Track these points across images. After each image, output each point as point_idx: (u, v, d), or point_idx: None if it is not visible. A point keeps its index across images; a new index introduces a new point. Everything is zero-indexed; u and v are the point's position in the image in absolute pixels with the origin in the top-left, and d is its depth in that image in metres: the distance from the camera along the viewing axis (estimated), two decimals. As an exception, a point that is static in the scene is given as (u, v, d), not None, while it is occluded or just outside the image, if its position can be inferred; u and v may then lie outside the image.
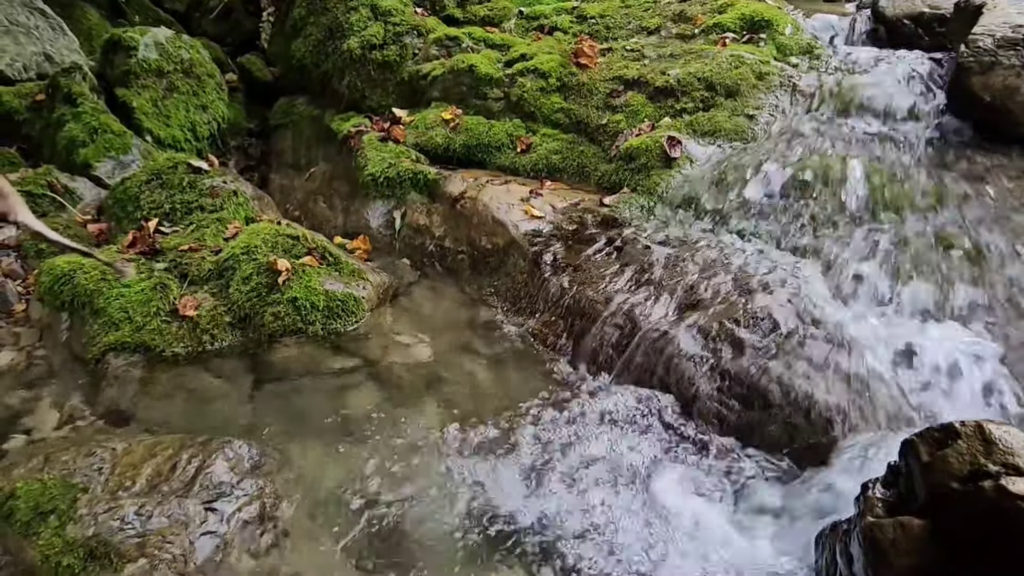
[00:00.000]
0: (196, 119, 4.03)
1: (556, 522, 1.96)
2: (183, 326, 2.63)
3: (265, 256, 2.80)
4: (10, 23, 3.89)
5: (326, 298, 2.75)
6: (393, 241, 3.40)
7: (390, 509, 2.01)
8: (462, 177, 3.36)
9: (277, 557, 1.86)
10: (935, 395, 2.08)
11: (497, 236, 3.07)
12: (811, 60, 3.53)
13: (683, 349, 2.34)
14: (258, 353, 2.64)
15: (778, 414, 2.12)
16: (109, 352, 2.55)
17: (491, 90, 3.69)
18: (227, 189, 3.28)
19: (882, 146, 2.98)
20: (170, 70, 3.96)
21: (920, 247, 2.51)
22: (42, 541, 1.79)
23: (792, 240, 2.70)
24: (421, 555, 1.89)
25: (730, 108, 3.29)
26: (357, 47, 3.96)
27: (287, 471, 2.10)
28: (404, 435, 2.27)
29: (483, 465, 2.15)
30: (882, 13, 3.74)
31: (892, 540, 1.46)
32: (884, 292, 2.42)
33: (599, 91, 3.54)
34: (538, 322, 2.76)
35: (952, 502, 1.41)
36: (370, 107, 3.97)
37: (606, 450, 2.19)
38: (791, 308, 2.35)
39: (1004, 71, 2.77)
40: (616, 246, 2.82)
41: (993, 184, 2.72)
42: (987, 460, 1.39)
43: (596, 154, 3.38)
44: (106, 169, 3.56)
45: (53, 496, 1.87)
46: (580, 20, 4.16)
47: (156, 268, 2.81)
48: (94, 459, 2.00)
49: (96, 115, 3.63)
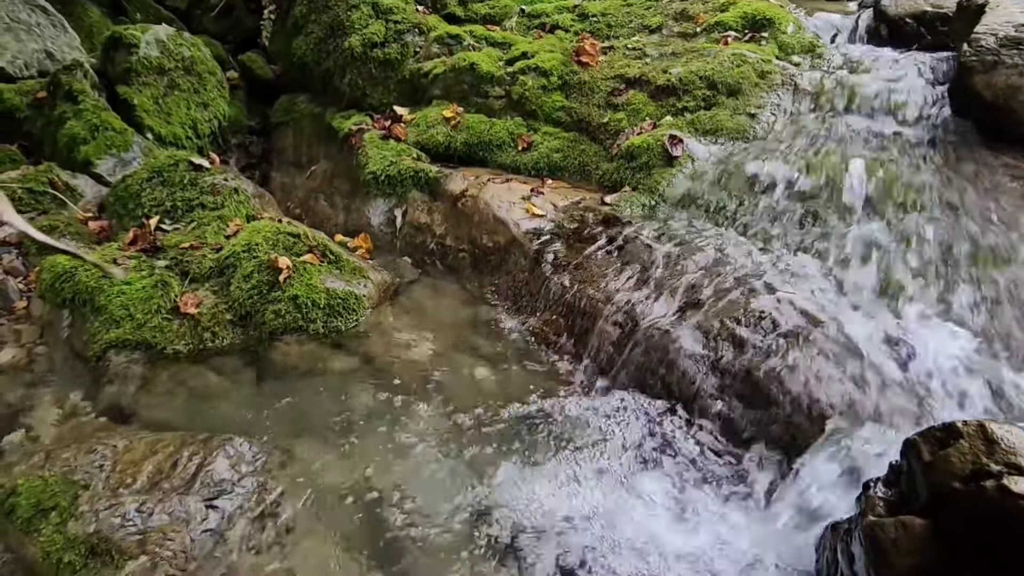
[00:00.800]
0: (197, 117, 4.03)
1: (555, 521, 1.97)
2: (184, 324, 2.64)
3: (266, 254, 2.80)
4: (11, 20, 3.89)
5: (327, 296, 2.75)
6: (394, 239, 3.40)
7: (390, 506, 2.02)
8: (463, 175, 3.36)
9: (278, 554, 1.86)
10: (937, 394, 2.08)
11: (498, 234, 3.07)
12: (813, 59, 3.53)
13: (684, 348, 2.34)
14: (259, 351, 2.64)
15: (779, 413, 2.12)
16: (110, 349, 2.55)
17: (492, 88, 3.68)
18: (228, 187, 3.28)
19: (884, 145, 2.97)
20: (171, 68, 3.96)
21: (922, 246, 2.50)
22: (43, 538, 1.80)
23: (793, 238, 2.70)
24: (421, 552, 1.90)
25: (732, 107, 3.29)
26: (358, 45, 3.96)
27: (288, 469, 2.10)
28: (404, 433, 2.28)
29: (483, 464, 2.15)
30: (884, 12, 3.73)
31: (893, 540, 1.46)
32: (885, 291, 2.41)
33: (600, 89, 3.53)
34: (539, 320, 2.76)
35: (954, 502, 1.41)
36: (371, 105, 3.96)
37: (607, 449, 2.19)
38: (792, 307, 2.35)
39: (1007, 70, 2.77)
40: (617, 245, 2.81)
41: (995, 184, 2.72)
42: (989, 460, 1.39)
43: (597, 153, 3.37)
44: (107, 167, 3.56)
45: (54, 493, 1.88)
46: (581, 18, 4.16)
47: (157, 266, 2.81)
48: (95, 456, 2.01)
49: (97, 112, 3.63)
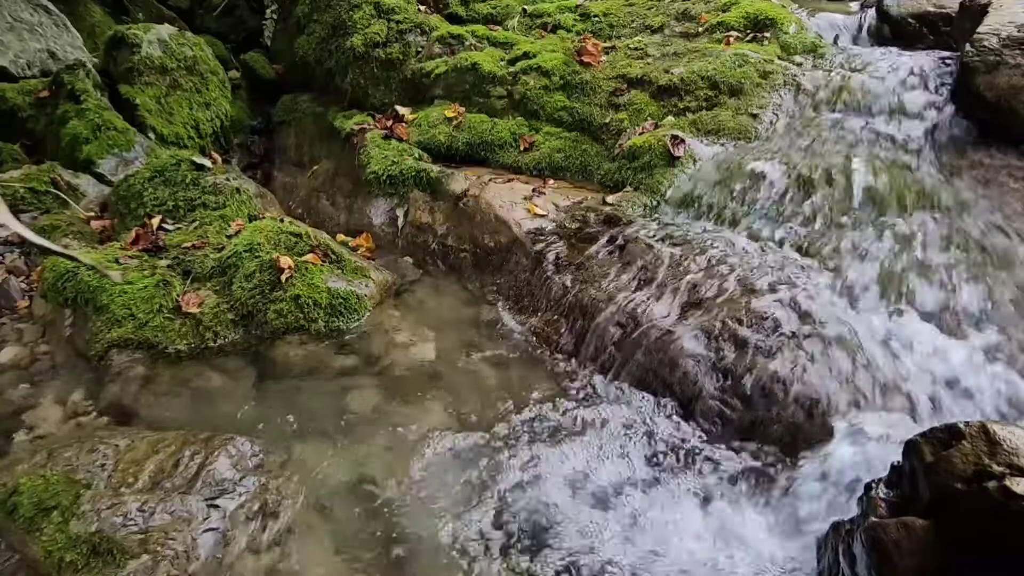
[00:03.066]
0: (199, 116, 4.03)
1: (555, 522, 1.96)
2: (186, 323, 2.64)
3: (268, 253, 2.81)
4: (14, 20, 3.89)
5: (329, 296, 2.75)
6: (396, 239, 3.40)
7: (391, 507, 2.02)
8: (465, 175, 3.36)
9: (279, 554, 1.86)
10: (939, 395, 2.07)
11: (500, 234, 3.07)
12: (815, 59, 3.52)
13: (685, 348, 2.34)
14: (261, 350, 2.64)
15: (781, 413, 2.12)
16: (112, 349, 2.56)
17: (494, 88, 3.68)
18: (230, 186, 3.28)
19: (886, 146, 2.97)
20: (173, 67, 3.97)
21: (924, 247, 2.50)
22: (45, 537, 1.80)
23: (795, 239, 2.70)
24: (422, 553, 1.90)
25: (734, 107, 3.28)
26: (360, 44, 3.96)
27: (289, 468, 2.10)
28: (406, 433, 2.28)
29: (485, 464, 2.15)
30: (887, 12, 3.72)
31: (896, 541, 1.46)
32: (888, 292, 2.41)
33: (602, 89, 3.53)
34: (540, 320, 2.75)
35: (956, 503, 1.40)
36: (373, 104, 3.96)
37: (607, 450, 2.19)
38: (794, 307, 2.35)
39: (1009, 71, 2.76)
40: (619, 245, 2.81)
41: (998, 184, 2.71)
42: (991, 461, 1.39)
43: (599, 152, 3.37)
44: (109, 166, 3.57)
45: (56, 492, 1.88)
46: (584, 18, 4.15)
47: (159, 265, 2.81)
48: (97, 455, 2.01)
49: (99, 112, 3.63)
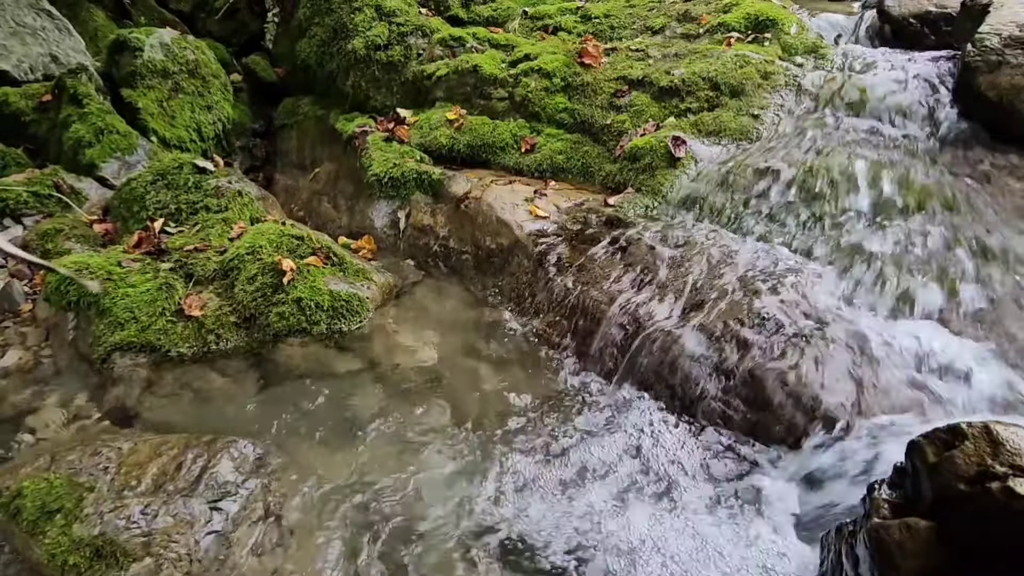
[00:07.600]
0: (201, 119, 4.04)
1: (556, 525, 1.96)
2: (188, 326, 2.64)
3: (270, 256, 2.81)
4: (16, 24, 3.91)
5: (331, 298, 2.76)
6: (397, 241, 3.40)
7: (393, 509, 2.02)
8: (466, 177, 3.36)
9: (281, 556, 1.87)
10: (942, 395, 2.07)
11: (501, 236, 3.07)
12: (816, 59, 3.52)
13: (687, 349, 2.34)
14: (263, 353, 2.64)
15: (783, 414, 2.12)
16: (115, 352, 2.56)
17: (495, 90, 3.68)
18: (232, 189, 3.29)
19: (887, 146, 2.97)
20: (175, 71, 3.98)
21: (926, 247, 2.49)
22: (48, 540, 1.80)
23: (797, 240, 2.70)
24: (424, 555, 1.90)
25: (735, 108, 3.28)
26: (362, 47, 3.97)
27: (292, 471, 2.11)
28: (408, 436, 2.28)
29: (487, 466, 2.15)
30: (888, 12, 3.72)
31: (898, 542, 1.46)
32: (889, 292, 2.40)
33: (604, 91, 3.53)
34: (542, 322, 2.75)
35: (959, 503, 1.40)
36: (374, 107, 3.97)
37: (608, 451, 2.19)
38: (796, 308, 2.34)
39: (1011, 70, 2.76)
40: (620, 246, 2.81)
41: (999, 184, 2.71)
42: (994, 461, 1.38)
43: (600, 154, 3.37)
44: (112, 169, 3.58)
45: (59, 495, 1.88)
46: (584, 20, 4.16)
47: (162, 268, 2.82)
48: (100, 458, 2.01)
49: (102, 116, 3.64)
